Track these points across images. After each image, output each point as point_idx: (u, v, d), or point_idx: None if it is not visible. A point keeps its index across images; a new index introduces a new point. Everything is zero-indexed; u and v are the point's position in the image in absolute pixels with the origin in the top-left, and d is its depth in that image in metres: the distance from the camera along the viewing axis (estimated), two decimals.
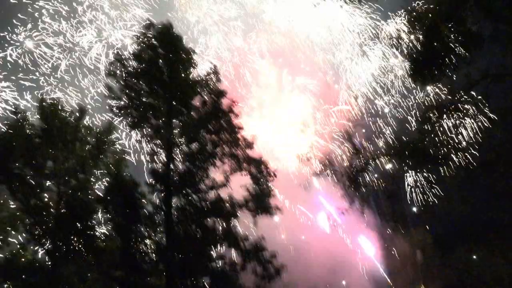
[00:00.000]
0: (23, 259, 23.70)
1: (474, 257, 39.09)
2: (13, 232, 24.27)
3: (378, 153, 14.58)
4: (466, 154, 16.72)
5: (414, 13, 13.20)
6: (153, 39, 22.93)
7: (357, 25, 45.49)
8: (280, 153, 47.28)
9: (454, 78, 14.85)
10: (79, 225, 23.56)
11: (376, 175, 16.28)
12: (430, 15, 13.22)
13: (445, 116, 15.23)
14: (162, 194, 22.11)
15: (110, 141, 24.93)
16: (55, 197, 24.01)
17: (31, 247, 23.94)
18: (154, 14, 43.21)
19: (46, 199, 24.20)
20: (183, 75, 22.68)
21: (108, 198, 22.73)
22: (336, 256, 46.45)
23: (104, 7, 44.53)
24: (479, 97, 14.63)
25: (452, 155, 16.28)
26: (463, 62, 14.12)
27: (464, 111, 15.56)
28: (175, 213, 22.24)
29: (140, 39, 23.04)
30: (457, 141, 16.26)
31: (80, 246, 23.63)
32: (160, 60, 22.80)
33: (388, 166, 15.54)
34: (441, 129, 15.77)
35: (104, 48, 43.87)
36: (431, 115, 14.58)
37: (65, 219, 23.19)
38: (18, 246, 23.99)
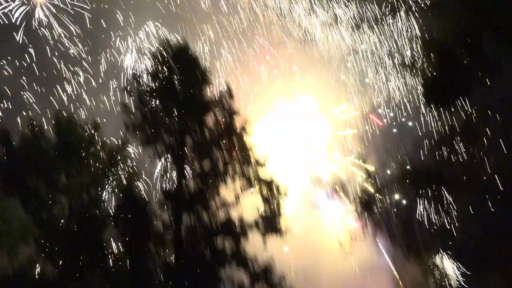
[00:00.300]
0: (31, 273, 23.69)
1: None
2: (23, 245, 24.32)
3: (392, 177, 14.32)
4: (483, 179, 16.32)
5: (430, 38, 13.10)
6: (169, 58, 23.31)
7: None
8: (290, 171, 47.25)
9: (471, 102, 14.57)
10: (89, 241, 23.53)
11: (389, 199, 15.98)
12: (445, 40, 13.09)
13: (460, 140, 14.95)
14: (172, 212, 22.13)
15: (123, 157, 25.09)
16: (66, 212, 24.10)
17: (40, 261, 23.93)
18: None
19: (57, 213, 24.26)
20: (197, 94, 22.86)
21: (119, 214, 22.87)
22: (346, 282, 45.43)
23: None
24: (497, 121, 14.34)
25: (469, 180, 15.89)
26: (480, 87, 13.88)
27: (481, 135, 15.24)
28: (184, 231, 22.21)
29: (156, 57, 23.44)
30: (473, 166, 15.89)
31: (89, 262, 23.56)
32: (175, 79, 23.11)
33: (402, 190, 15.23)
34: (457, 154, 15.46)
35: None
36: (446, 139, 14.33)
37: (75, 234, 23.21)
38: (27, 260, 23.99)
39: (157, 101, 22.93)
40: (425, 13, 12.34)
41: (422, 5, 12.21)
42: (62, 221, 23.86)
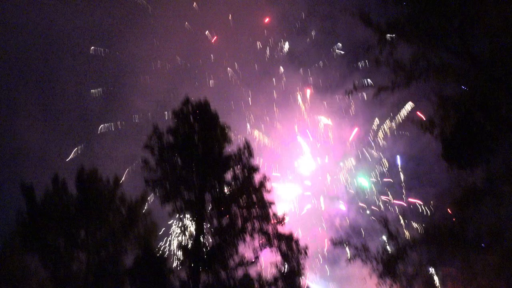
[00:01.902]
0: None
1: None
2: None
3: (415, 239, 14.07)
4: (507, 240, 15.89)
5: (447, 100, 13.35)
6: (190, 115, 23.88)
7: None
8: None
9: (493, 163, 14.51)
10: None
11: (413, 262, 15.60)
12: (463, 102, 13.32)
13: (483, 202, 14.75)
14: (191, 270, 21.83)
15: (142, 213, 25.18)
16: (83, 268, 24.00)
17: None
18: None
19: (75, 270, 24.14)
20: (217, 150, 23.16)
21: (136, 271, 22.61)
22: None
23: None
24: None
25: (493, 241, 15.50)
26: (501, 148, 13.88)
27: (503, 197, 15.02)
28: None
29: (178, 114, 23.93)
30: (497, 227, 15.54)
31: None
32: (196, 136, 23.54)
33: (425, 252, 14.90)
34: (480, 214, 15.19)
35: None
36: (468, 200, 14.17)
37: None
38: None
39: (178, 158, 23.24)
40: (439, 78, 12.65)
41: (437, 70, 12.54)
42: (80, 277, 23.70)
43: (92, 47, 48.78)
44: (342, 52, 51.72)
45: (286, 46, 54.43)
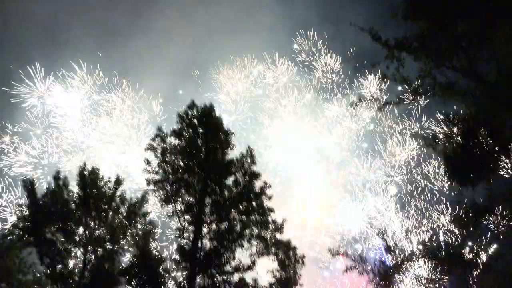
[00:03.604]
0: None
1: None
2: None
3: (413, 254, 14.15)
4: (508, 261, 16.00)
5: (452, 118, 13.50)
6: (194, 119, 23.99)
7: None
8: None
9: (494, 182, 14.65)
10: None
11: (411, 275, 15.66)
12: (467, 121, 13.47)
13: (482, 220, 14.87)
14: (187, 273, 21.87)
15: (141, 213, 25.25)
16: (80, 265, 24.03)
17: None
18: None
19: (71, 266, 24.20)
20: (220, 155, 23.25)
21: (133, 271, 22.65)
22: None
23: None
24: None
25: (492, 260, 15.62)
26: (503, 167, 14.01)
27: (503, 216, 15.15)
28: None
29: (182, 118, 24.04)
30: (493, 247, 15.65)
31: None
32: (199, 139, 23.64)
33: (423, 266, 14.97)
34: (479, 233, 15.31)
35: None
36: (467, 219, 14.30)
37: None
38: None
39: (180, 160, 23.32)
40: (445, 96, 12.78)
41: (443, 88, 12.69)
42: (76, 275, 23.73)
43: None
44: None
45: None
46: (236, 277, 22.14)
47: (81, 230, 24.53)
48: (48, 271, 23.55)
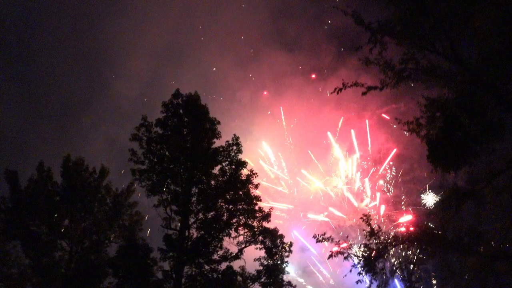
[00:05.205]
0: None
1: None
2: None
3: (396, 238, 14.26)
4: (489, 243, 16.18)
5: (433, 102, 13.51)
6: (179, 108, 23.75)
7: None
8: None
9: (476, 166, 14.74)
10: None
11: (394, 261, 15.77)
12: (450, 104, 13.50)
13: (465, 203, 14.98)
14: (174, 262, 21.82)
15: (127, 204, 25.05)
16: (66, 257, 23.85)
17: None
18: None
19: (57, 258, 23.97)
20: (206, 144, 23.11)
21: (119, 262, 22.48)
22: None
23: None
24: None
25: (473, 243, 15.78)
26: (485, 151, 14.12)
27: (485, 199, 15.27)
28: (185, 282, 21.82)
29: (167, 106, 23.76)
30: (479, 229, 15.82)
31: None
32: (185, 128, 23.45)
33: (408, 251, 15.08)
34: (461, 216, 15.43)
35: None
36: (450, 202, 14.40)
37: (74, 282, 22.77)
38: None
39: (166, 150, 23.11)
40: (427, 80, 12.79)
41: (426, 71, 12.69)
42: (62, 267, 23.54)
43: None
44: None
45: None
46: (223, 265, 22.22)
47: (66, 221, 24.30)
48: (33, 264, 23.31)
